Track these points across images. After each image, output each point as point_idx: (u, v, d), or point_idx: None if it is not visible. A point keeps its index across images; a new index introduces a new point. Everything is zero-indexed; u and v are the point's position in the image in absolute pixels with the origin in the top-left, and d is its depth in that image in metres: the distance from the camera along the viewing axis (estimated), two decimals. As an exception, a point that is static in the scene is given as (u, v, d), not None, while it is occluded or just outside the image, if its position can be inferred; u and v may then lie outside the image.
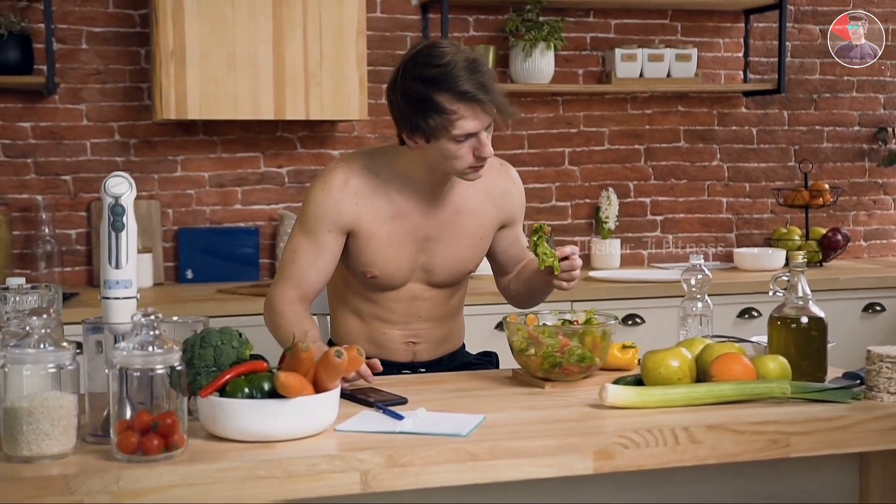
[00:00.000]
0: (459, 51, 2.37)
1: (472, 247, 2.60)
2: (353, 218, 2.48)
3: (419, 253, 2.55)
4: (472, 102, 2.31)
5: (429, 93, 2.30)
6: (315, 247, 2.47)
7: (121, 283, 1.85)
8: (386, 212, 2.50)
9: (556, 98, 4.50)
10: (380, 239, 2.50)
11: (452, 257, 2.58)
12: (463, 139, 2.33)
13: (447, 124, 2.31)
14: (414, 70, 2.34)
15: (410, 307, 2.58)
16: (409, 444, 1.82)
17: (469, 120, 2.32)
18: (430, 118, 2.31)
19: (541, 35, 4.21)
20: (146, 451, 1.69)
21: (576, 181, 4.55)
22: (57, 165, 4.00)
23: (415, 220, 2.53)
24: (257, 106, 3.77)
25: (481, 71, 2.34)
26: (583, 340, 2.23)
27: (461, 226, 2.57)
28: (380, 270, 2.52)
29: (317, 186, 2.51)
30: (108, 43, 4.03)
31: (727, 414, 1.99)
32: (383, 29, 4.28)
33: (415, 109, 2.33)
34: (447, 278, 2.60)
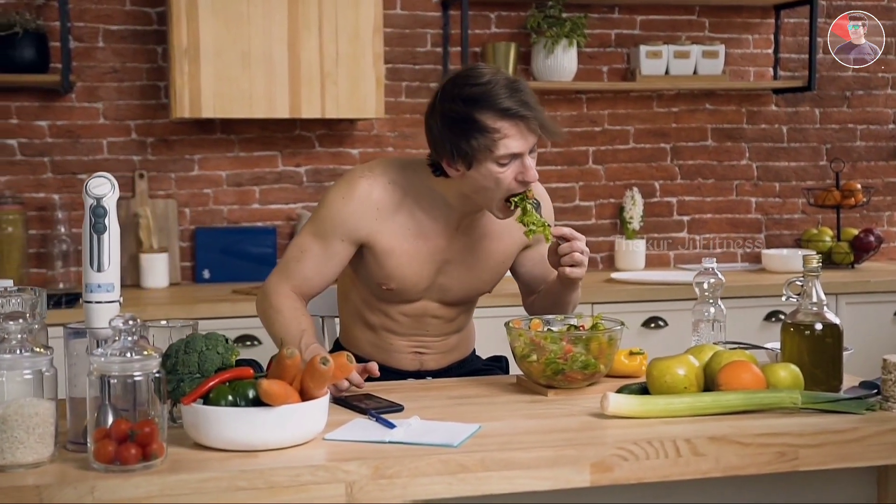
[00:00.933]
0: (499, 71, 2.27)
1: (492, 270, 2.51)
2: (370, 233, 2.38)
3: (438, 274, 2.45)
4: (516, 119, 2.19)
5: (470, 112, 2.19)
6: (324, 252, 2.39)
7: (103, 287, 1.80)
8: (408, 230, 2.39)
9: (579, 96, 4.42)
10: (398, 256, 2.39)
11: (471, 280, 2.49)
12: (507, 161, 2.21)
13: (490, 144, 2.19)
14: (453, 91, 2.24)
15: (419, 321, 2.51)
16: (398, 454, 1.76)
17: (513, 139, 2.20)
18: (473, 139, 2.19)
19: (563, 31, 4.14)
20: (123, 460, 1.64)
21: (600, 180, 4.46)
22: (73, 164, 3.98)
23: (438, 243, 2.42)
24: (272, 104, 3.72)
25: (522, 90, 2.23)
26: (588, 346, 2.16)
27: (485, 250, 2.47)
28: (397, 284, 2.42)
29: (338, 191, 2.40)
30: (124, 41, 4.00)
31: (732, 425, 1.91)
32: (403, 26, 4.22)
33: (456, 131, 2.21)
34: (461, 298, 2.53)
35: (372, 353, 2.54)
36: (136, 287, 3.93)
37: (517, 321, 2.25)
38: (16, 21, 3.74)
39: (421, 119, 4.16)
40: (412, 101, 4.24)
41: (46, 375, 1.70)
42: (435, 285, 2.46)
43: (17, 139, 3.93)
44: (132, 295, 3.78)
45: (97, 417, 1.69)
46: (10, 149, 3.92)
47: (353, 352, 2.53)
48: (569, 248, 2.32)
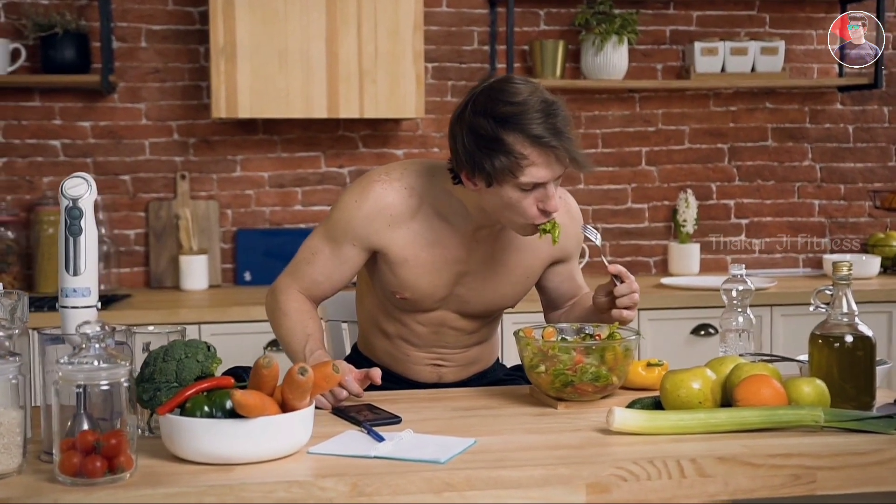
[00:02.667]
0: (536, 90, 2.12)
1: (515, 285, 2.38)
2: (382, 240, 2.27)
3: (455, 285, 2.34)
4: (546, 149, 2.05)
5: (498, 132, 2.05)
6: (335, 257, 2.30)
7: (78, 292, 1.73)
8: (424, 238, 2.28)
9: (632, 95, 4.28)
10: (413, 265, 2.28)
11: (491, 294, 2.37)
12: (529, 188, 2.08)
13: (514, 169, 2.06)
14: (486, 105, 2.08)
15: (436, 332, 2.40)
16: (381, 470, 1.66)
17: (540, 168, 2.07)
18: (497, 159, 2.06)
19: (613, 28, 4.00)
20: (88, 473, 1.57)
21: (653, 182, 4.32)
22: (116, 165, 3.96)
23: (456, 253, 2.30)
24: (310, 104, 3.66)
25: (558, 115, 2.08)
26: (602, 357, 2.04)
27: (507, 264, 2.35)
28: (411, 294, 2.32)
29: (352, 194, 2.28)
30: (167, 41, 3.97)
31: (745, 444, 1.78)
32: (448, 24, 4.13)
33: (481, 147, 2.07)
34: (481, 311, 2.41)
35: (389, 363, 2.45)
36: (175, 289, 3.90)
37: (529, 329, 2.14)
38: (56, 22, 3.73)
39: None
40: (458, 101, 4.14)
41: (13, 383, 1.64)
42: (452, 296, 2.35)
43: (61, 140, 3.93)
44: (170, 297, 3.75)
45: (72, 427, 1.63)
46: (54, 149, 3.92)
47: (370, 360, 2.47)
48: (627, 290, 2.17)
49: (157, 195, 3.99)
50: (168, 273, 3.94)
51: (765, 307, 3.73)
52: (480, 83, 2.16)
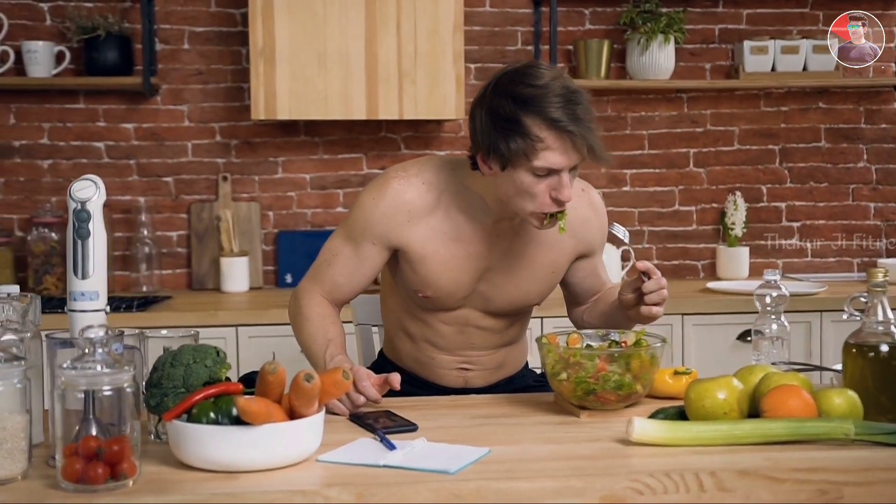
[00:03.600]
0: (560, 76, 2.08)
1: (540, 280, 2.33)
2: (403, 235, 2.24)
3: (478, 281, 2.30)
4: (563, 133, 2.00)
5: (517, 113, 2.02)
6: (355, 257, 2.27)
7: (86, 295, 1.72)
8: (443, 233, 2.24)
9: (680, 95, 4.20)
10: (434, 261, 2.25)
11: (516, 291, 2.32)
12: (543, 174, 2.04)
13: (529, 151, 2.01)
14: (507, 87, 2.06)
15: (462, 332, 2.35)
16: (389, 480, 1.62)
17: (555, 153, 2.02)
18: (512, 141, 2.02)
19: (658, 27, 3.93)
20: (90, 479, 1.55)
21: (701, 184, 4.23)
22: (158, 167, 3.97)
23: (477, 248, 2.26)
24: (349, 105, 3.63)
25: (579, 103, 2.04)
26: (628, 365, 1.98)
27: (531, 258, 2.30)
28: (433, 292, 2.28)
29: (370, 193, 2.27)
30: (209, 42, 3.97)
31: (769, 457, 1.71)
32: (492, 24, 4.08)
33: (498, 128, 2.04)
34: (507, 309, 2.36)
35: (415, 368, 2.41)
36: (216, 291, 3.90)
37: (553, 336, 2.09)
38: (99, 24, 3.75)
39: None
40: (502, 102, 4.10)
41: (18, 387, 1.62)
42: (476, 293, 2.31)
43: (104, 142, 3.95)
44: (211, 299, 3.75)
45: (79, 432, 1.61)
46: (98, 151, 3.94)
47: (396, 365, 2.43)
48: (656, 286, 2.12)
49: (200, 197, 3.99)
50: (210, 275, 3.94)
51: (814, 313, 3.64)
52: (504, 68, 2.14)
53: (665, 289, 2.12)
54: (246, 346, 3.39)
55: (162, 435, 1.77)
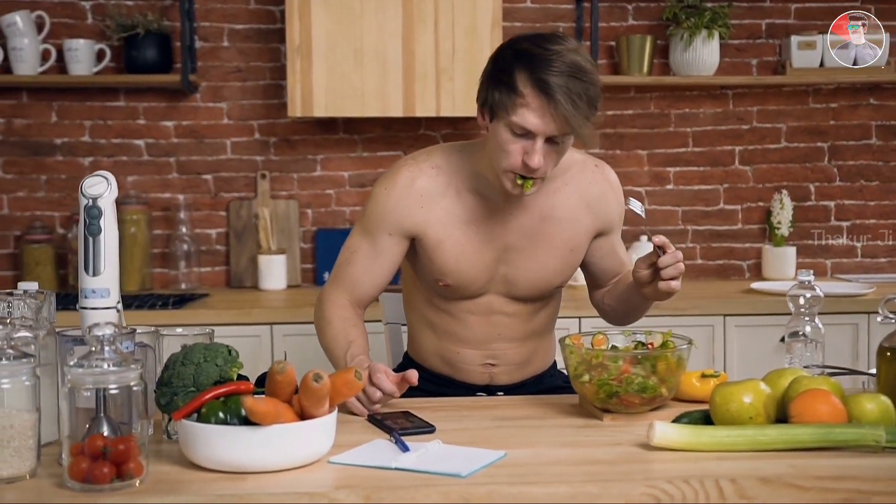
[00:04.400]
0: (576, 51, 2.06)
1: (560, 259, 2.30)
2: (418, 222, 2.24)
3: (499, 263, 2.28)
4: (544, 97, 2.01)
5: (513, 66, 2.05)
6: (373, 251, 2.27)
7: (97, 292, 1.70)
8: (458, 216, 2.25)
9: (725, 92, 4.12)
10: (450, 246, 2.24)
11: (537, 270, 2.29)
12: (520, 132, 2.05)
13: (509, 105, 2.03)
14: (520, 42, 2.09)
15: (488, 321, 2.32)
16: (399, 483, 1.59)
17: (532, 114, 2.02)
18: (499, 91, 2.05)
19: (702, 22, 3.85)
20: (95, 479, 1.53)
21: (747, 182, 4.15)
22: (198, 164, 3.98)
23: (493, 227, 2.26)
24: (385, 102, 3.60)
25: (579, 79, 2.02)
26: (654, 367, 1.92)
27: (549, 235, 2.28)
28: (453, 280, 2.27)
29: (381, 185, 2.28)
30: (249, 40, 3.97)
31: (794, 464, 1.65)
32: (533, 20, 4.03)
33: (493, 77, 2.09)
34: (531, 292, 2.32)
35: (439, 366, 2.39)
36: (254, 289, 3.89)
37: (577, 337, 2.04)
38: (138, 22, 3.76)
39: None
40: (542, 99, 4.05)
41: (27, 385, 1.61)
42: (497, 277, 2.29)
43: (144, 139, 3.96)
44: (248, 296, 3.74)
45: (89, 430, 1.59)
46: (138, 149, 3.95)
47: (421, 366, 2.40)
48: (672, 259, 2.07)
49: (239, 195, 3.99)
50: (248, 273, 3.93)
51: (861, 314, 3.55)
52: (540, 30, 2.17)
53: (681, 262, 2.08)
54: (280, 344, 3.38)
55: (173, 434, 1.75)
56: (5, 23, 3.75)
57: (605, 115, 4.07)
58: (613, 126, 4.09)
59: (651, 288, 2.11)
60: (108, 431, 1.59)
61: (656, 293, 2.12)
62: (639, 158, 4.10)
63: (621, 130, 4.09)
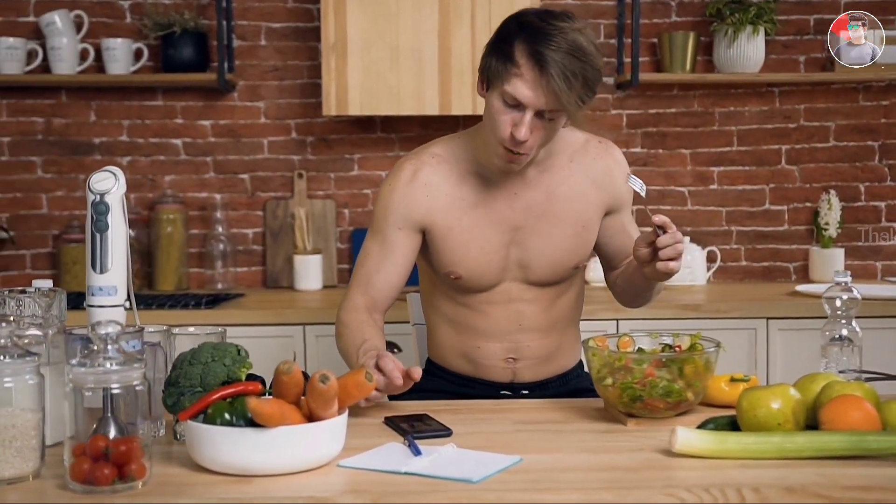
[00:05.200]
0: (580, 33, 2.05)
1: (573, 237, 2.28)
2: (425, 212, 2.25)
3: (510, 246, 2.26)
4: (538, 69, 2.01)
5: (513, 36, 2.06)
6: (385, 247, 2.26)
7: (104, 290, 1.67)
8: (463, 200, 2.25)
9: (771, 89, 4.02)
10: (459, 233, 2.24)
11: (551, 250, 2.27)
12: (511, 103, 2.05)
13: (504, 74, 2.05)
14: (526, 15, 2.11)
15: (508, 310, 2.29)
16: (407, 488, 1.54)
17: (525, 85, 2.03)
18: (497, 59, 2.07)
19: (747, 18, 3.76)
20: (96, 480, 1.50)
21: (794, 182, 4.04)
22: (235, 164, 3.96)
23: (499, 209, 2.25)
24: (421, 101, 3.56)
25: (577, 59, 2.01)
26: (681, 371, 1.86)
27: (557, 212, 2.27)
28: (464, 270, 2.25)
29: (385, 184, 2.31)
30: (286, 38, 3.94)
31: (823, 473, 1.58)
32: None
33: (494, 46, 2.11)
34: (548, 274, 2.29)
35: (461, 365, 2.36)
36: (290, 289, 3.86)
37: (601, 338, 1.98)
38: (175, 21, 3.75)
39: (593, 116, 3.91)
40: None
41: (30, 383, 1.58)
42: (511, 263, 2.27)
43: (182, 139, 3.95)
44: (282, 297, 3.72)
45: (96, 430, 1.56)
46: (175, 148, 3.94)
47: (444, 369, 2.37)
48: (671, 240, 2.02)
49: (275, 194, 3.96)
50: (284, 273, 3.91)
51: (910, 317, 3.44)
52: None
53: (681, 243, 2.04)
54: (313, 344, 3.34)
55: (181, 436, 1.72)
56: (44, 22, 3.75)
57: (648, 114, 4.00)
58: (656, 125, 4.01)
59: (651, 268, 2.08)
60: (115, 432, 1.56)
61: (655, 273, 2.07)
62: (682, 158, 4.02)
63: (664, 129, 4.01)
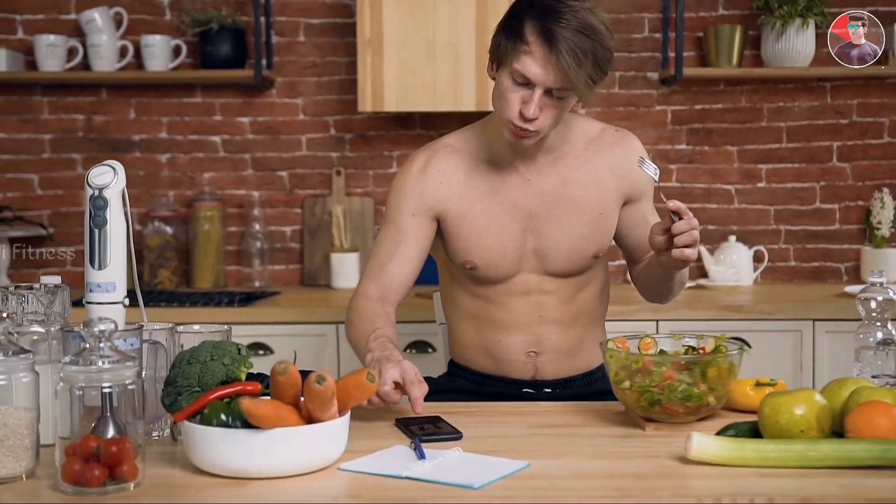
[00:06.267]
0: (591, 12, 2.03)
1: (589, 224, 2.23)
2: (439, 198, 2.22)
3: (526, 234, 2.22)
4: (548, 47, 1.98)
5: (522, 15, 2.04)
6: (398, 235, 2.22)
7: (103, 287, 1.64)
8: (477, 188, 2.22)
9: (822, 84, 3.89)
10: (472, 220, 2.21)
11: (567, 237, 2.22)
12: (521, 81, 2.03)
13: (513, 53, 2.03)
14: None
15: (529, 303, 2.25)
16: (406, 493, 1.49)
17: (534, 62, 2.00)
18: (507, 37, 2.05)
19: (796, 10, 3.65)
20: (87, 481, 1.47)
21: (845, 180, 3.92)
22: (273, 161, 3.93)
23: (513, 196, 2.22)
24: (458, 96, 3.50)
25: (588, 37, 2.00)
26: (704, 374, 1.78)
27: (572, 199, 2.22)
28: (479, 259, 2.22)
29: (397, 175, 2.30)
30: (325, 34, 3.91)
31: (845, 484, 1.49)
32: (617, 10, 3.88)
33: (504, 25, 2.08)
34: (566, 264, 2.24)
35: (482, 361, 2.31)
36: (327, 287, 3.83)
37: (621, 339, 1.91)
38: (212, 17, 3.73)
39: (637, 112, 3.82)
40: (626, 93, 3.90)
41: (24, 381, 1.55)
42: (528, 253, 2.23)
43: (221, 136, 3.93)
44: (318, 295, 3.68)
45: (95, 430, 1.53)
46: (214, 145, 3.93)
47: (466, 368, 2.32)
48: (686, 226, 1.96)
49: (313, 191, 3.93)
50: (322, 271, 3.87)
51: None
52: None
53: (696, 230, 1.97)
54: (345, 344, 3.29)
55: (178, 436, 1.68)
56: (84, 20, 3.75)
57: (693, 110, 3.90)
58: (702, 121, 3.91)
59: (667, 256, 2.02)
60: (114, 432, 1.52)
61: (671, 261, 2.02)
62: (728, 155, 3.92)
63: (710, 125, 3.91)
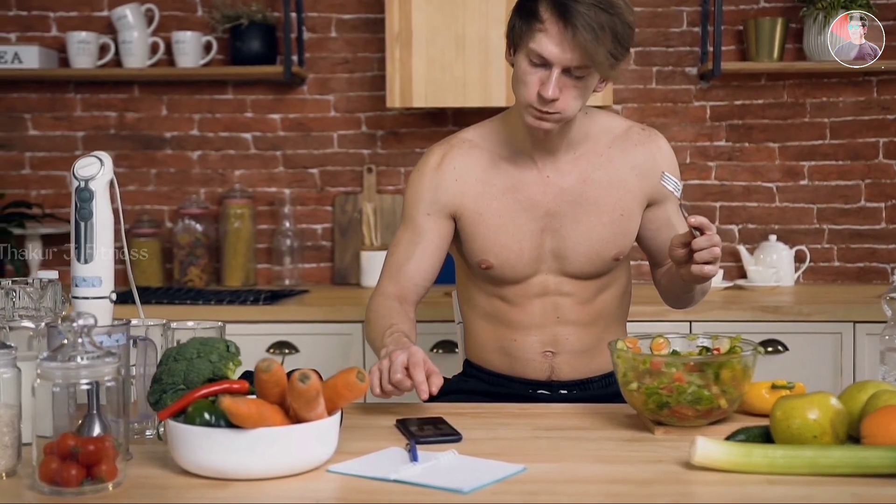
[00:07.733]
0: None
1: (610, 225, 2.16)
2: (454, 196, 2.17)
3: (544, 234, 2.16)
4: (563, 23, 1.93)
5: None
6: (415, 235, 2.18)
7: (88, 281, 1.60)
8: (493, 185, 2.16)
9: (868, 78, 3.77)
10: (489, 218, 2.15)
11: (587, 238, 2.15)
12: (538, 62, 1.98)
13: (528, 32, 1.99)
14: None
15: (546, 304, 2.19)
16: (393, 496, 1.43)
17: (550, 39, 1.95)
18: (522, 19, 2.01)
19: (839, 2, 3.53)
20: (63, 481, 1.42)
21: (892, 178, 3.78)
22: (304, 158, 3.89)
23: (531, 194, 2.15)
24: (488, 92, 3.43)
25: (606, 11, 1.94)
26: (717, 376, 1.70)
27: (594, 199, 2.15)
28: (495, 258, 2.16)
29: (413, 172, 2.25)
30: (356, 30, 3.86)
31: (858, 493, 1.41)
32: (655, 4, 3.79)
33: (519, 8, 2.05)
34: (586, 266, 2.17)
35: (497, 361, 2.25)
36: (357, 286, 3.78)
37: (632, 339, 1.83)
38: (243, 13, 3.70)
39: (675, 108, 3.73)
40: (664, 89, 3.80)
41: (5, 377, 1.51)
42: (545, 253, 2.16)
43: (252, 133, 3.90)
44: (347, 293, 3.63)
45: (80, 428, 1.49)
46: (245, 142, 3.90)
47: (482, 368, 2.27)
48: (707, 243, 1.89)
49: (345, 189, 3.88)
50: (352, 269, 3.83)
51: None
52: None
53: (718, 246, 1.91)
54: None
55: (162, 435, 1.63)
56: (116, 16, 3.75)
57: (733, 105, 3.80)
58: (742, 117, 3.80)
59: (686, 269, 1.95)
60: (100, 430, 1.48)
61: (691, 276, 1.95)
62: (770, 151, 3.81)
63: (750, 121, 3.80)
